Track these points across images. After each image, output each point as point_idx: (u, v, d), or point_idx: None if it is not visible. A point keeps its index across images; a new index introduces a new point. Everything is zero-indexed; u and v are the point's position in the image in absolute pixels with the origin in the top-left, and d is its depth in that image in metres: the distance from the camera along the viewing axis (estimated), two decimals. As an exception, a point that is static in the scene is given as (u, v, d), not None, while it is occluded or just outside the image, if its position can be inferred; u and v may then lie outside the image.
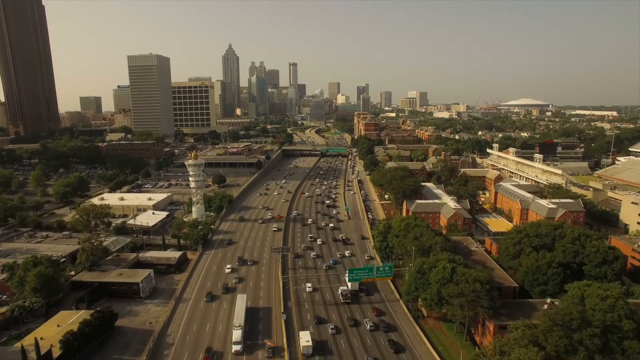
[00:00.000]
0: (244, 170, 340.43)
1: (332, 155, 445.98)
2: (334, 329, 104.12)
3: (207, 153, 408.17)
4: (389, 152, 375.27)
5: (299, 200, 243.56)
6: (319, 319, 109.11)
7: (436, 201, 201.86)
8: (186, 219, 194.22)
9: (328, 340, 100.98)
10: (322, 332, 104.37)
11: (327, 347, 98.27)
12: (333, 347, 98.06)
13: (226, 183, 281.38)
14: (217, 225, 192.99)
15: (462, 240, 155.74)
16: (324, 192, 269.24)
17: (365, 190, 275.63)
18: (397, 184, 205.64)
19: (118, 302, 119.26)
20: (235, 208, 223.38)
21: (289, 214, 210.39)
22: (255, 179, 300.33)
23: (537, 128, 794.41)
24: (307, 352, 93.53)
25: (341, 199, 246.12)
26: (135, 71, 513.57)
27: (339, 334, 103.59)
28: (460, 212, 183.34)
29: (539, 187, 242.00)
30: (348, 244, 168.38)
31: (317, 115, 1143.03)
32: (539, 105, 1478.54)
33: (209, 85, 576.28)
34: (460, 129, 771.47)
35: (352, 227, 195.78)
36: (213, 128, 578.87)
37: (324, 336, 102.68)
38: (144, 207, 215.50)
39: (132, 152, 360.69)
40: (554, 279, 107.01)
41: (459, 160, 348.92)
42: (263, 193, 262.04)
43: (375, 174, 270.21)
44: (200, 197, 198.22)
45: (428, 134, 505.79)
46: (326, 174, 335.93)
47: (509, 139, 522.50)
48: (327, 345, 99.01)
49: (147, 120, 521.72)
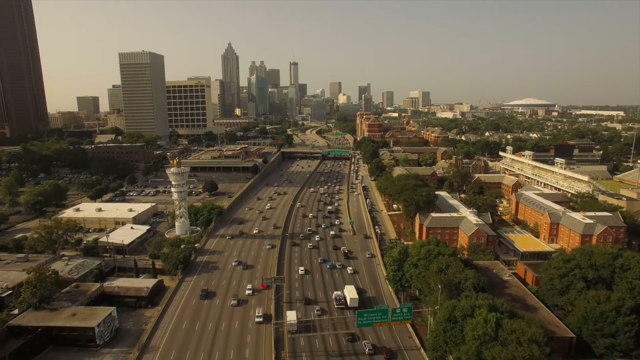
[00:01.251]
0: (239, 175, 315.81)
1: (334, 157, 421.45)
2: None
3: (200, 156, 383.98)
4: (395, 155, 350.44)
5: (297, 212, 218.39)
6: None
7: (453, 215, 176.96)
8: (168, 235, 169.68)
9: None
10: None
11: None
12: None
13: (218, 190, 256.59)
14: (203, 243, 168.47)
15: (490, 266, 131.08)
16: (326, 200, 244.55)
17: (371, 199, 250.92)
18: (408, 194, 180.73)
19: (67, 353, 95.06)
20: (226, 221, 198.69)
21: (286, 231, 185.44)
22: (250, 185, 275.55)
23: (546, 129, 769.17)
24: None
25: (345, 210, 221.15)
26: (127, 69, 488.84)
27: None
28: (483, 229, 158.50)
29: (565, 197, 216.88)
30: (356, 273, 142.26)
31: (318, 116, 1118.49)
32: (543, 105, 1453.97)
33: (205, 85, 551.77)
34: (466, 130, 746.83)
35: (358, 244, 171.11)
36: (209, 129, 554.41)
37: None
38: (122, 220, 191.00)
39: (120, 156, 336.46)
40: (627, 331, 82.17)
41: (470, 165, 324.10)
42: (257, 203, 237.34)
43: (382, 180, 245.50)
44: (185, 210, 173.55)
45: (435, 136, 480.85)
46: (328, 179, 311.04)
47: (518, 140, 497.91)
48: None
49: (140, 121, 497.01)
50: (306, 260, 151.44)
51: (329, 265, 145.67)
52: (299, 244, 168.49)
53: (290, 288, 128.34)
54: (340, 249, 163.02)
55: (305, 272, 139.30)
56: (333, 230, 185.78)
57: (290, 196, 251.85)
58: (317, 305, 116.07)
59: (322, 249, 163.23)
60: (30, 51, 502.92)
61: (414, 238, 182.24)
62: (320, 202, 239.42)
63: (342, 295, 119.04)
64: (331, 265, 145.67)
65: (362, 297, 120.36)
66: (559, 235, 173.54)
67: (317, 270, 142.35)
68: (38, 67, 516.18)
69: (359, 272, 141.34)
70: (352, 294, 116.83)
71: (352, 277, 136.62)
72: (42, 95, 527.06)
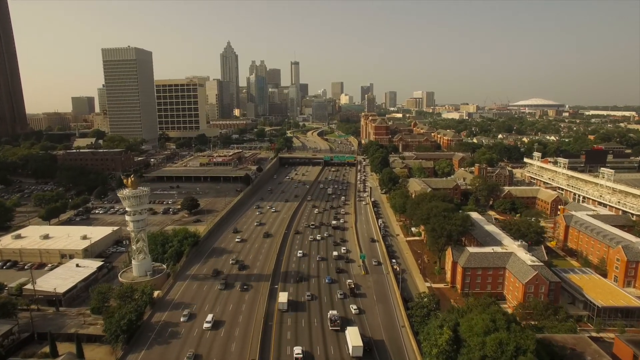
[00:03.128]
0: (229, 186, 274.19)
1: (337, 164, 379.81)
2: None
3: (188, 162, 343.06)
4: (407, 162, 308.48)
5: (293, 242, 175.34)
6: None
7: (497, 249, 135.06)
8: (122, 279, 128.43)
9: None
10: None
11: None
12: None
13: (200, 208, 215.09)
14: (167, 288, 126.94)
15: (574, 344, 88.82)
16: (330, 220, 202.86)
17: (384, 218, 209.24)
18: (438, 223, 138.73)
19: None
20: (203, 253, 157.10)
21: (277, 269, 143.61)
22: (240, 200, 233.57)
23: (561, 130, 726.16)
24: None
25: (352, 235, 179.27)
26: (112, 67, 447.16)
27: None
28: (543, 274, 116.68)
29: (628, 219, 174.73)
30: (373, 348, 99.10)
31: (320, 116, 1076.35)
32: (551, 105, 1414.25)
33: (197, 84, 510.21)
34: (477, 132, 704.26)
35: (372, 288, 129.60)
36: (202, 131, 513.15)
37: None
38: (70, 253, 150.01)
39: (94, 163, 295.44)
40: None
41: (494, 174, 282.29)
42: (246, 224, 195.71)
43: (397, 196, 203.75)
44: (144, 244, 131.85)
45: (447, 139, 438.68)
46: (331, 191, 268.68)
47: (538, 143, 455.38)
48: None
49: (125, 123, 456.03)
50: (304, 331, 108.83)
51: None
52: (292, 292, 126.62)
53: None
54: (344, 297, 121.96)
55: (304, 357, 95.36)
56: (339, 267, 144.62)
57: (286, 215, 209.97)
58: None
59: (325, 300, 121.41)
60: (7, 50, 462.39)
61: (444, 278, 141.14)
62: (322, 223, 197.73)
63: (337, 316, 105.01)
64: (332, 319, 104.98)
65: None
66: (638, 276, 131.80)
67: (318, 339, 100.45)
68: (15, 67, 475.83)
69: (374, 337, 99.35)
70: (356, 341, 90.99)
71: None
72: (19, 95, 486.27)
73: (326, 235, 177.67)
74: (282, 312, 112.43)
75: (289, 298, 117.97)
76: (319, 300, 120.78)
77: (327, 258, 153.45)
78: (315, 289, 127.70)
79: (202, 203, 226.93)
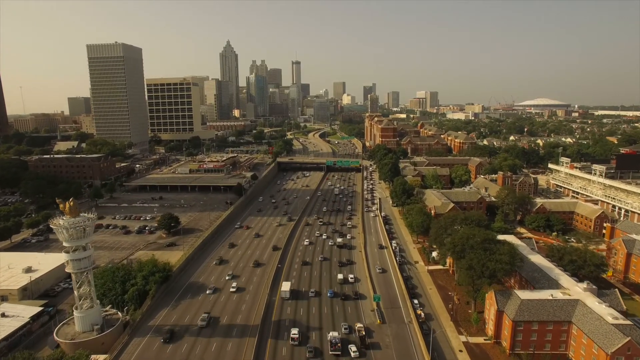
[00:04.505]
0: (219, 197, 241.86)
1: (340, 169, 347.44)
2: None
3: (177, 169, 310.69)
4: (420, 169, 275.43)
5: (290, 269, 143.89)
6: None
7: (556, 295, 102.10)
8: (57, 338, 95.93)
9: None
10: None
11: None
12: None
13: (180, 227, 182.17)
14: (119, 349, 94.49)
15: None
16: (333, 239, 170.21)
17: (398, 239, 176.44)
18: (478, 258, 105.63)
19: None
20: (174, 292, 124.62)
21: (266, 319, 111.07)
22: (229, 216, 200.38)
23: (574, 131, 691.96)
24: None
25: (362, 265, 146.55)
26: (97, 64, 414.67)
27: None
28: (635, 337, 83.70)
29: None
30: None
31: (322, 117, 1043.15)
32: (557, 105, 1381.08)
33: (191, 83, 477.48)
34: (486, 133, 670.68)
35: (392, 347, 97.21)
36: (197, 134, 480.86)
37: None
38: (1, 294, 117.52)
39: (69, 171, 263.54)
40: None
41: (517, 182, 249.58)
42: (231, 253, 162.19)
43: (415, 215, 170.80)
44: (89, 289, 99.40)
45: (459, 142, 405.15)
46: (334, 204, 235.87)
47: (556, 146, 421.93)
48: None
49: (112, 124, 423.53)
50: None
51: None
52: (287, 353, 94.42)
53: None
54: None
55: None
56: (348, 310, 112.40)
57: (283, 235, 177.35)
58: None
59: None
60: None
61: (483, 328, 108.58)
62: (324, 246, 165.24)
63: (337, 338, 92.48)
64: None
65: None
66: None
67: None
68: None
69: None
70: None
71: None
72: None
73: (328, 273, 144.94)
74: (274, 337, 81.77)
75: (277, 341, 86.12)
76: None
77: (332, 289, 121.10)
78: (318, 342, 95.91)
79: (184, 219, 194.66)
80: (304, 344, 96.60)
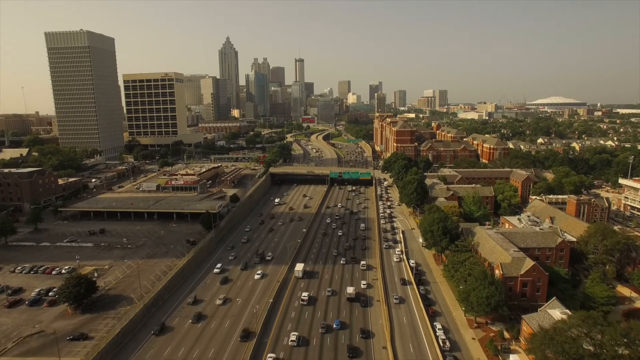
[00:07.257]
0: (183, 229, 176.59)
1: (347, 181, 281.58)
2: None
3: (142, 184, 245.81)
4: (454, 188, 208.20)
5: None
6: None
7: None
8: None
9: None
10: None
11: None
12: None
13: (99, 295, 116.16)
14: None
15: None
16: (340, 316, 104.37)
17: (441, 312, 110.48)
18: None
19: None
20: None
21: None
22: (184, 267, 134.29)
23: (608, 133, 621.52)
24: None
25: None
26: (57, 55, 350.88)
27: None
28: None
29: None
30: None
31: (326, 117, 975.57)
32: (572, 104, 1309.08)
33: (174, 79, 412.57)
34: (508, 135, 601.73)
35: None
36: (181, 137, 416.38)
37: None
38: None
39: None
40: None
41: (586, 205, 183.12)
42: (174, 342, 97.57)
43: (473, 283, 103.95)
44: None
45: (490, 147, 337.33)
46: (340, 241, 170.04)
47: (601, 151, 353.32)
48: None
49: (76, 127, 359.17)
50: None
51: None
52: None
53: None
54: None
55: None
56: None
57: (260, 304, 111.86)
58: None
59: None
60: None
61: None
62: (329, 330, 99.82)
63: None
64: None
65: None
66: None
67: None
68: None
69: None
70: None
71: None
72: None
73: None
74: None
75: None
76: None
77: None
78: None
79: (114, 275, 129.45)
80: None
